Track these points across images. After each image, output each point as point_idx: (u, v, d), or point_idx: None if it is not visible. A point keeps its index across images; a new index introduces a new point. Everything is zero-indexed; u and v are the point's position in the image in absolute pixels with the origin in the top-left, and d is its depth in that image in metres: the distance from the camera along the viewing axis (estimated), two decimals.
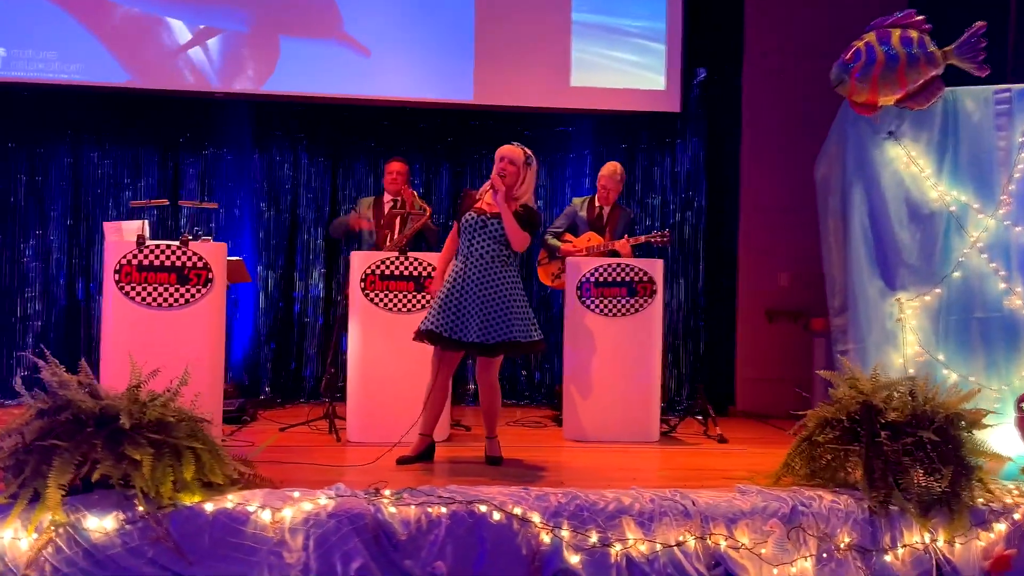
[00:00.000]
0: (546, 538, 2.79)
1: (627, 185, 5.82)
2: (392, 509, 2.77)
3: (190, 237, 3.69)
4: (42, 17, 5.04)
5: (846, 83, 4.17)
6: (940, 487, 2.95)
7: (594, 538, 2.81)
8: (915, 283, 4.25)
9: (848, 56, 4.16)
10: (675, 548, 2.82)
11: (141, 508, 2.64)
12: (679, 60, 5.36)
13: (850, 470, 3.08)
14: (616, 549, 2.80)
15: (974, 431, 3.10)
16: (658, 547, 2.81)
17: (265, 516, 2.72)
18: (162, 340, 3.61)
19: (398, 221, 4.70)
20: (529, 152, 3.67)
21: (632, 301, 4.29)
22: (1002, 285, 4.03)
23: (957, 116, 4.34)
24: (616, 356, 4.30)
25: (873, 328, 4.35)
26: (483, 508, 2.80)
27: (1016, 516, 3.01)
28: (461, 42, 5.35)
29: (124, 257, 3.64)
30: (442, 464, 3.65)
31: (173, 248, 3.67)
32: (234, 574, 2.66)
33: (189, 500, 2.71)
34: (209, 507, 2.71)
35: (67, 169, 5.49)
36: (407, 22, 5.34)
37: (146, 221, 3.75)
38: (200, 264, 3.68)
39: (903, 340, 4.30)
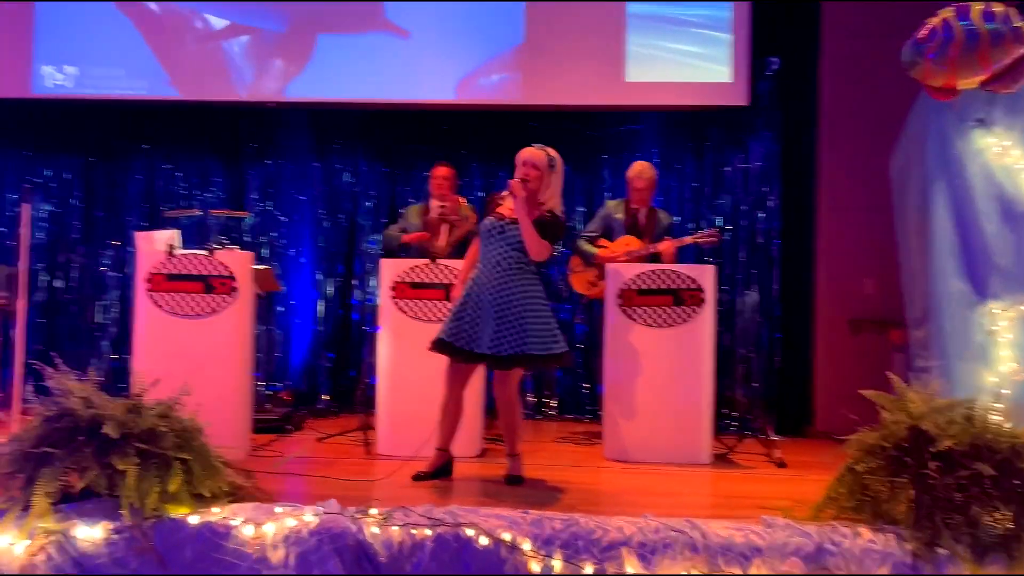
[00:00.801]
0: (536, 567, 2.63)
1: (696, 186, 5.56)
2: (375, 530, 2.69)
3: (216, 247, 3.77)
4: (111, 35, 5.35)
5: (920, 65, 3.77)
6: (999, 529, 2.57)
7: (589, 570, 2.63)
8: (1010, 290, 3.83)
9: (922, 35, 3.75)
10: None
11: (126, 518, 2.69)
12: (747, 50, 5.03)
13: (895, 505, 2.74)
14: None
15: None
16: None
17: (247, 531, 2.70)
18: (190, 348, 3.72)
19: (444, 228, 4.66)
20: (553, 154, 3.54)
21: (679, 311, 4.04)
22: None
23: None
24: (661, 370, 4.06)
25: (960, 342, 3.93)
26: (470, 532, 2.68)
27: None
28: (511, 39, 5.24)
29: (154, 266, 3.77)
30: (461, 482, 3.55)
31: (200, 257, 3.77)
32: None
33: (175, 512, 2.74)
34: (194, 520, 2.73)
35: (141, 182, 5.80)
36: (456, 23, 5.29)
37: (177, 231, 3.87)
38: (226, 273, 3.76)
39: (996, 356, 3.85)
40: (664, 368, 4.06)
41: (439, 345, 3.43)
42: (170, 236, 3.83)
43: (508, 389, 3.48)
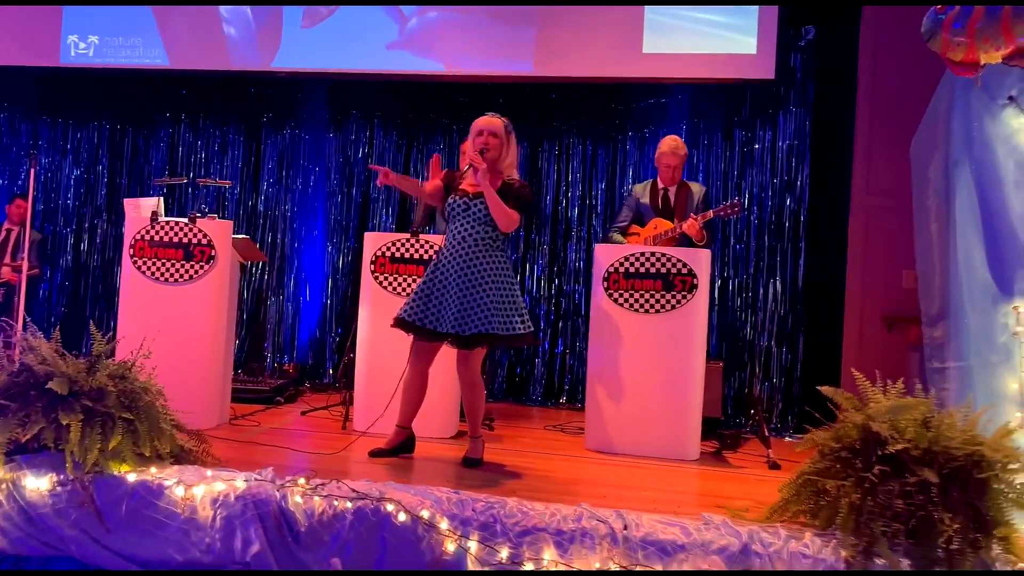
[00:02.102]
0: (451, 547, 2.75)
1: (724, 164, 5.50)
2: (298, 499, 2.86)
3: (198, 215, 4.02)
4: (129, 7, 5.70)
5: (938, 37, 3.64)
6: (939, 542, 2.52)
7: (504, 554, 2.73)
8: None
9: (941, 5, 3.62)
10: None
11: (69, 472, 2.96)
12: (774, 19, 4.93)
13: (837, 510, 2.72)
14: (527, 569, 2.70)
15: (1010, 477, 2.61)
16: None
17: (179, 492, 2.92)
18: (170, 314, 3.99)
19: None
20: (507, 120, 3.59)
21: (668, 296, 4.05)
22: None
23: None
24: (648, 359, 4.08)
25: (981, 343, 3.80)
26: (390, 508, 2.82)
27: None
28: (527, 9, 5.30)
29: (138, 232, 4.05)
30: (419, 461, 3.68)
31: (182, 225, 4.03)
32: (145, 546, 2.90)
33: (117, 469, 2.99)
34: (132, 477, 2.97)
35: (164, 150, 6.18)
36: None
37: (161, 198, 4.14)
38: (205, 241, 4.01)
39: (1021, 360, 3.70)
40: (651, 357, 4.07)
41: (402, 323, 3.55)
42: (155, 203, 4.10)
43: (471, 369, 3.58)
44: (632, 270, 4.09)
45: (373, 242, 4.24)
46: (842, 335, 5.06)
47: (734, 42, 5.03)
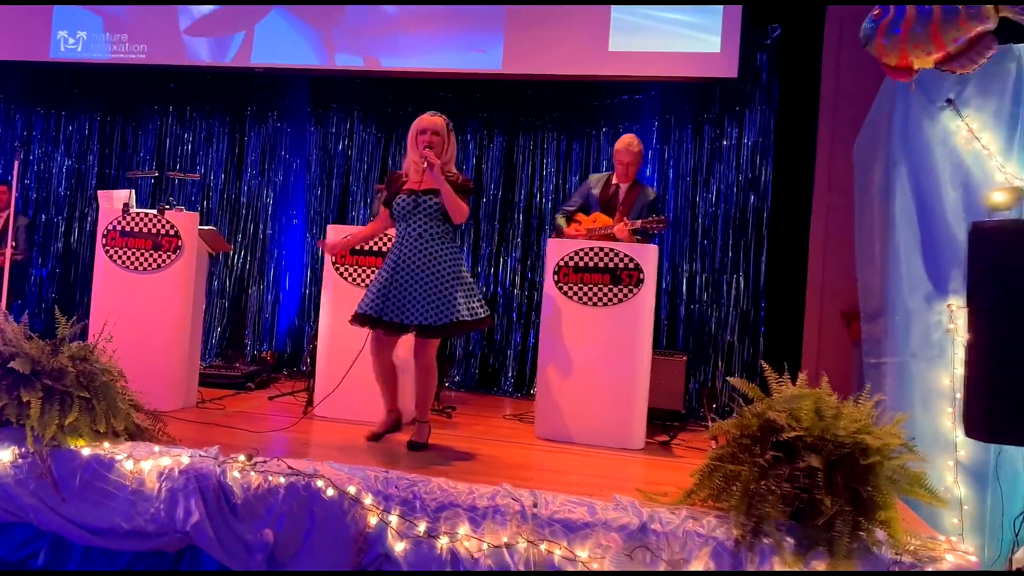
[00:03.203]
0: (373, 520, 3.04)
1: (693, 160, 5.72)
2: (236, 474, 3.17)
3: (166, 207, 4.34)
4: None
5: (874, 42, 3.86)
6: (822, 523, 2.77)
7: (421, 528, 3.01)
8: None
9: (876, 11, 3.84)
10: (503, 549, 2.94)
11: (29, 445, 3.29)
12: (738, 18, 5.14)
13: (733, 493, 2.97)
14: (442, 542, 2.98)
15: (895, 464, 2.85)
16: (485, 546, 2.95)
17: (128, 465, 3.25)
18: (140, 300, 4.32)
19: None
20: (447, 119, 3.86)
21: (615, 290, 4.30)
22: None
23: None
24: (595, 350, 4.33)
25: (915, 339, 4.02)
26: (320, 483, 3.11)
27: (929, 572, 2.74)
28: (493, 10, 5.56)
29: (111, 223, 4.38)
30: (374, 445, 3.95)
31: (151, 216, 4.35)
32: (95, 514, 3.22)
33: (73, 443, 3.32)
34: (87, 451, 3.29)
35: (152, 141, 6.52)
36: None
37: (132, 191, 4.45)
38: (172, 232, 4.32)
39: (953, 356, 3.92)
40: (599, 348, 4.33)
41: (365, 319, 3.77)
42: (126, 195, 4.42)
43: (428, 356, 3.86)
44: (582, 264, 4.35)
45: (335, 234, 4.53)
46: (803, 330, 5.28)
47: (698, 41, 5.25)
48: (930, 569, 2.74)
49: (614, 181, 4.81)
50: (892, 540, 2.79)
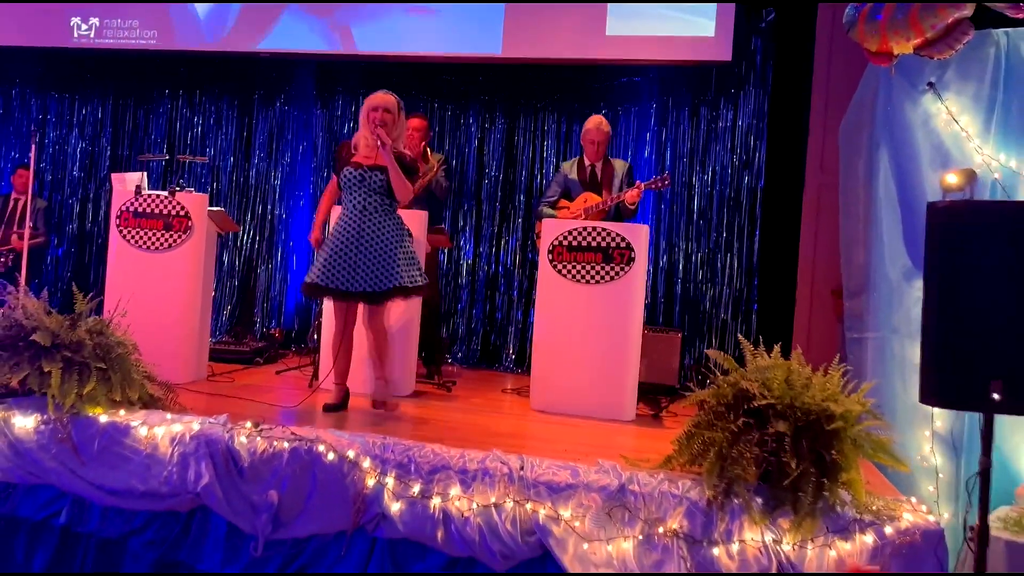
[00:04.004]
0: (371, 482, 3.30)
1: (690, 142, 5.92)
2: (243, 439, 3.42)
3: (177, 188, 4.59)
4: None
5: (856, 28, 4.05)
6: (784, 484, 2.99)
7: (416, 489, 3.26)
8: None
9: None
10: (492, 509, 3.18)
11: (50, 413, 3.56)
12: (732, 2, 5.31)
13: (708, 458, 3.20)
14: (435, 502, 3.23)
15: (855, 429, 3.07)
16: (475, 506, 3.20)
17: (142, 431, 3.51)
18: (152, 278, 4.58)
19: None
20: (398, 97, 4.12)
21: (607, 268, 4.52)
22: None
23: (1011, 65, 4.02)
24: (589, 326, 4.55)
25: (895, 315, 4.21)
26: (321, 448, 3.37)
27: (888, 530, 2.96)
28: None
29: (124, 204, 4.64)
30: (358, 412, 4.20)
31: (162, 198, 4.60)
32: (113, 476, 3.49)
33: (91, 411, 3.59)
34: (104, 419, 3.56)
35: (163, 124, 6.78)
36: None
37: (144, 173, 4.71)
38: (182, 213, 4.58)
39: None
40: (591, 324, 4.54)
41: (314, 288, 4.07)
42: (138, 177, 4.67)
43: (379, 320, 4.16)
44: (575, 243, 4.56)
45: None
46: (794, 308, 5.48)
47: (693, 25, 5.43)
48: (889, 528, 2.96)
49: (587, 162, 5.04)
50: (855, 501, 3.02)
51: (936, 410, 4.05)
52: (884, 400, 3.99)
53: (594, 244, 4.54)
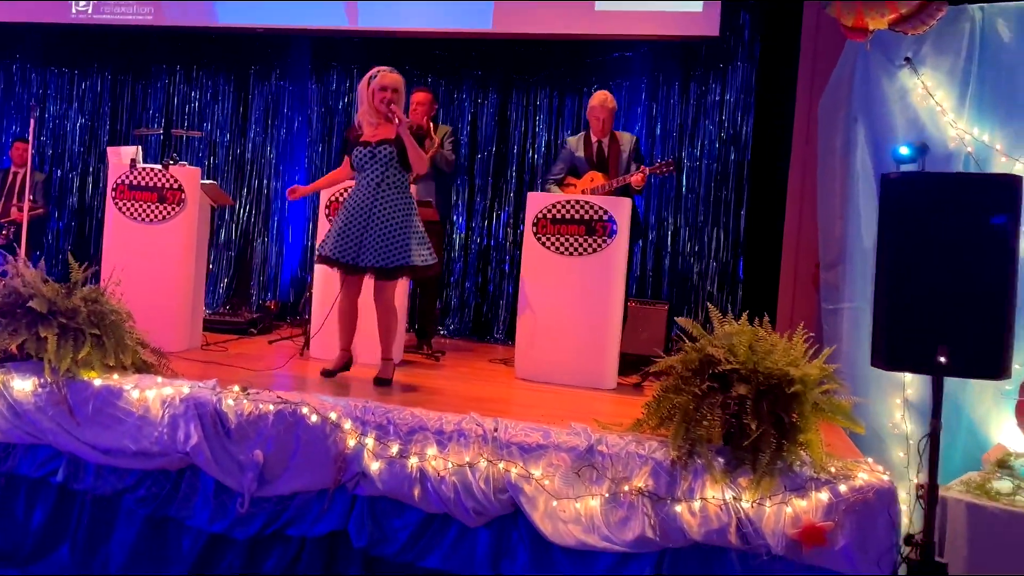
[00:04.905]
0: (351, 442, 3.48)
1: (680, 117, 6.05)
2: (230, 402, 3.61)
3: (171, 162, 4.76)
4: None
5: (833, 3, 4.16)
6: (744, 444, 3.16)
7: (394, 449, 3.44)
8: None
9: None
10: (466, 468, 3.37)
11: (47, 376, 3.76)
12: None
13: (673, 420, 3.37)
14: (412, 462, 3.41)
15: (815, 392, 3.22)
16: (450, 465, 3.39)
17: (134, 394, 3.70)
18: (147, 249, 4.76)
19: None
20: (402, 76, 4.27)
21: (590, 240, 4.67)
22: None
23: (986, 40, 4.14)
24: (571, 297, 4.70)
25: (869, 286, 4.33)
26: (304, 410, 3.55)
27: (842, 488, 3.11)
28: None
29: (119, 177, 4.82)
30: (359, 382, 4.39)
31: (156, 171, 4.77)
32: (106, 437, 3.69)
33: (86, 375, 3.78)
34: (98, 382, 3.75)
35: (161, 99, 6.96)
36: None
37: (139, 147, 4.88)
38: (176, 186, 4.75)
39: None
40: (574, 295, 4.70)
41: (325, 259, 4.22)
42: (133, 151, 4.85)
43: (387, 296, 4.27)
44: (559, 216, 4.72)
45: (328, 189, 4.94)
46: (778, 281, 5.62)
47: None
48: (844, 487, 3.13)
49: (593, 139, 5.14)
50: (813, 461, 3.19)
51: (908, 378, 4.21)
52: (857, 368, 4.15)
53: (577, 217, 4.69)
